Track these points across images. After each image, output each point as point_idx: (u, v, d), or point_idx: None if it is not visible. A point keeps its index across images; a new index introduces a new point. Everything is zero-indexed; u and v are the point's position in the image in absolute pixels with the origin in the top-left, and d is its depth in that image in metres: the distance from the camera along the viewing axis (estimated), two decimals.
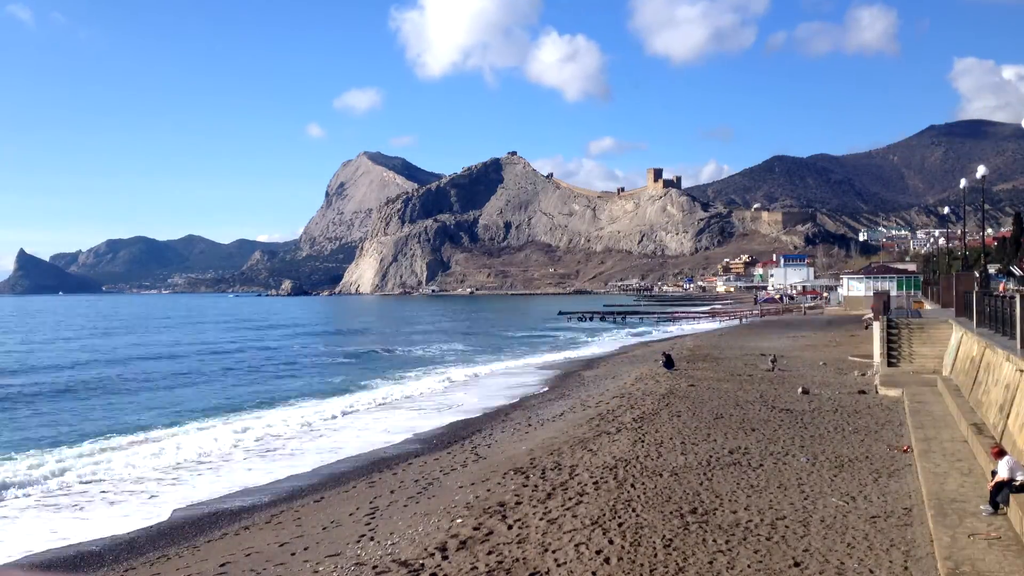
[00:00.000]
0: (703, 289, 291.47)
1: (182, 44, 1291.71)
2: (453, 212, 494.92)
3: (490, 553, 11.85)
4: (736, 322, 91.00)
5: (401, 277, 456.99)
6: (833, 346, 46.64)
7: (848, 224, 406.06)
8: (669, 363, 36.49)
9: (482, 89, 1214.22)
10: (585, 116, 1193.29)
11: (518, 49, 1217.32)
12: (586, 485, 15.39)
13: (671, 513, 13.25)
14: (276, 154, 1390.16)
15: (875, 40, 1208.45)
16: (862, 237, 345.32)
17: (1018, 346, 16.99)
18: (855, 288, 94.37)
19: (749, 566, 10.69)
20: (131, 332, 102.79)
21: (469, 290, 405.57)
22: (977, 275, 35.84)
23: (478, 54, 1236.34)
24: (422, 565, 11.61)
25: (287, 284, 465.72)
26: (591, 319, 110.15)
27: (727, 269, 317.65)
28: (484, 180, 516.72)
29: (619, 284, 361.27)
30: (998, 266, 74.73)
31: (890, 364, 30.90)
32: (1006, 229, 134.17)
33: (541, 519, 13.33)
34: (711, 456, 17.51)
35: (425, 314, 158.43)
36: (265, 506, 18.16)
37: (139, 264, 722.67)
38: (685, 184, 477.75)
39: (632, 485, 15.18)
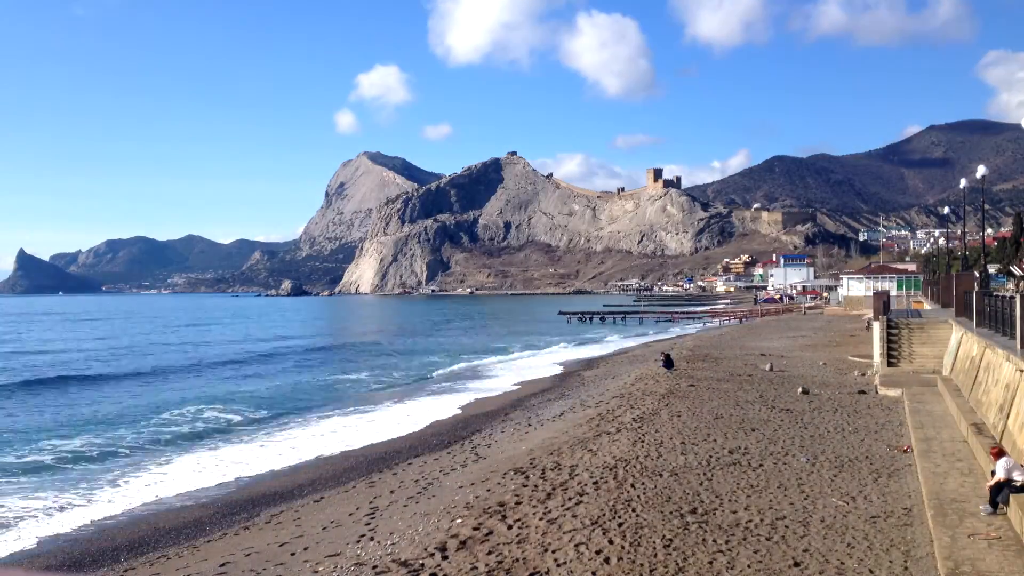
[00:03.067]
0: (703, 289, 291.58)
1: (184, 41, 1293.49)
2: (453, 212, 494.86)
3: (490, 553, 11.84)
4: (736, 322, 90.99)
5: (401, 277, 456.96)
6: (833, 346, 46.62)
7: (848, 224, 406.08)
8: (668, 363, 36.49)
9: (517, 75, 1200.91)
10: (616, 108, 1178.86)
11: (555, 31, 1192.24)
12: (586, 485, 15.38)
13: (671, 513, 13.24)
14: (285, 151, 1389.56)
15: (942, 25, 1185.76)
16: (862, 237, 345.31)
17: (1018, 346, 16.98)
18: (855, 288, 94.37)
19: (749, 566, 10.69)
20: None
21: (469, 290, 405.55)
22: (977, 275, 35.79)
23: (513, 35, 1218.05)
24: (422, 565, 11.61)
25: (287, 284, 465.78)
26: (591, 319, 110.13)
27: (727, 269, 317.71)
28: (484, 180, 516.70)
29: (619, 284, 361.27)
30: (998, 266, 74.68)
31: (890, 364, 30.88)
32: (1006, 229, 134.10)
33: (541, 519, 13.32)
34: (711, 456, 17.50)
35: (425, 319, 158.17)
36: (273, 499, 18.15)
37: (139, 264, 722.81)
38: (714, 178, 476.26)
39: (632, 485, 15.17)
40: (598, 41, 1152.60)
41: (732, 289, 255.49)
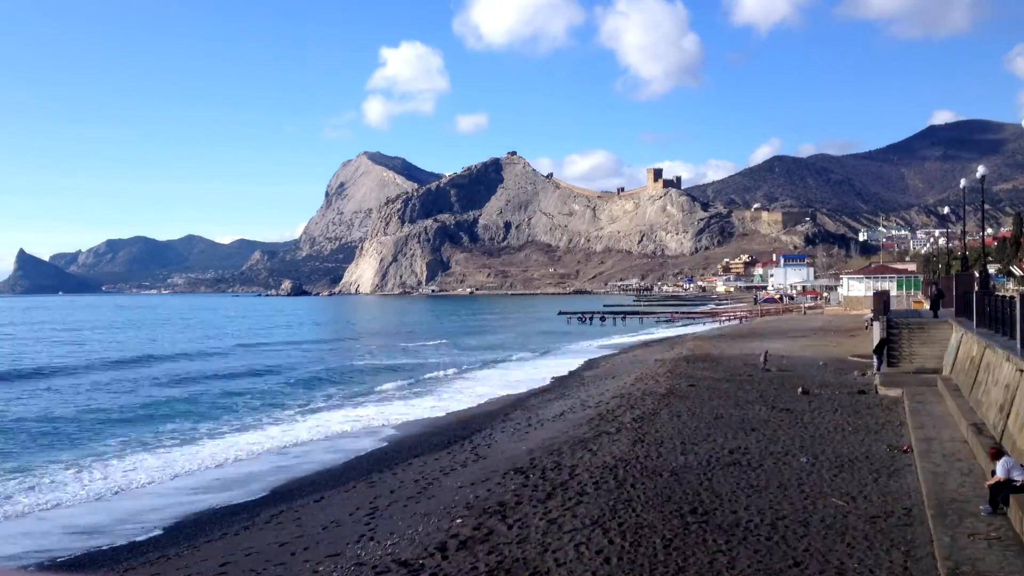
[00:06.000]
0: (703, 289, 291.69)
1: (185, 39, 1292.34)
2: (453, 212, 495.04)
3: (490, 553, 11.84)
4: (736, 322, 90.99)
5: (401, 277, 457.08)
6: (833, 346, 46.60)
7: (848, 224, 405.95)
8: (881, 351, 31.96)
9: (549, 64, 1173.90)
10: (648, 101, 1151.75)
11: (592, 14, 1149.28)
12: (586, 485, 15.39)
13: (671, 513, 13.24)
14: (285, 151, 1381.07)
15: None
16: (862, 237, 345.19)
17: (1018, 346, 16.99)
18: (855, 288, 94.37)
19: (749, 566, 10.68)
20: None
21: (469, 290, 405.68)
22: (977, 275, 35.79)
23: (548, 17, 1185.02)
24: (422, 565, 11.61)
25: (287, 284, 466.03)
26: (591, 319, 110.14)
27: (727, 269, 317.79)
28: (484, 180, 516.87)
29: (619, 284, 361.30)
30: (998, 266, 74.74)
31: (890, 364, 30.88)
32: (1006, 229, 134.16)
33: (541, 519, 13.32)
34: (711, 456, 17.49)
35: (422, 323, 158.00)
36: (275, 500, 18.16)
37: (139, 264, 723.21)
38: (724, 175, 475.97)
39: (632, 485, 15.17)
40: (637, 24, 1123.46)
41: (732, 289, 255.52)
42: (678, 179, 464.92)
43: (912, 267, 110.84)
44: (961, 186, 44.63)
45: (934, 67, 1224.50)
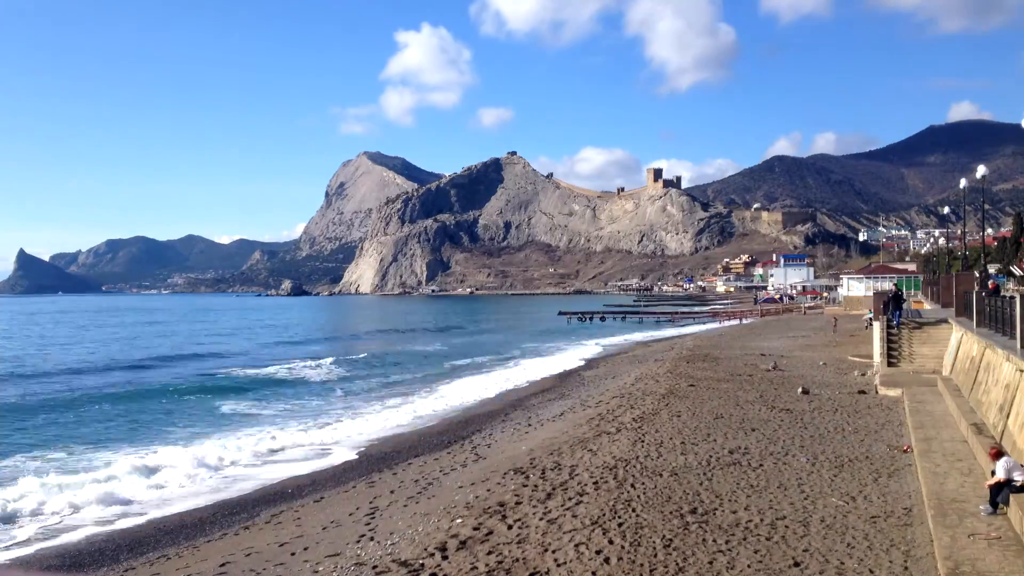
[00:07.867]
0: (703, 289, 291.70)
1: (186, 39, 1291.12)
2: (453, 212, 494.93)
3: (490, 553, 11.84)
4: (736, 322, 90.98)
5: (401, 277, 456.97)
6: (833, 346, 46.59)
7: (848, 224, 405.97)
8: (897, 302, 32.14)
9: (573, 54, 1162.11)
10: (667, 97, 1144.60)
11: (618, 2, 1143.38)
12: (586, 485, 15.38)
13: (671, 513, 13.23)
14: (286, 151, 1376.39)
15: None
16: (862, 237, 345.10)
17: (1018, 346, 16.98)
18: (855, 288, 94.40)
19: (749, 566, 10.68)
20: None
21: (469, 290, 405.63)
22: (977, 275, 35.78)
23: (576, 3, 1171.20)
24: (422, 565, 11.61)
25: (287, 284, 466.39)
26: (591, 319, 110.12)
27: (727, 269, 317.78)
28: (484, 180, 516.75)
29: (619, 284, 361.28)
30: (998, 266, 74.74)
31: (890, 364, 30.87)
32: (1006, 229, 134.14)
33: (541, 519, 13.32)
34: (711, 456, 17.48)
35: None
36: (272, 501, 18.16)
37: (139, 264, 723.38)
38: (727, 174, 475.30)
39: (632, 485, 15.16)
40: (660, 16, 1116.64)
41: (732, 289, 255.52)
42: (678, 179, 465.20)
43: (912, 267, 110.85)
44: (961, 186, 44.63)
45: (961, 61, 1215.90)
